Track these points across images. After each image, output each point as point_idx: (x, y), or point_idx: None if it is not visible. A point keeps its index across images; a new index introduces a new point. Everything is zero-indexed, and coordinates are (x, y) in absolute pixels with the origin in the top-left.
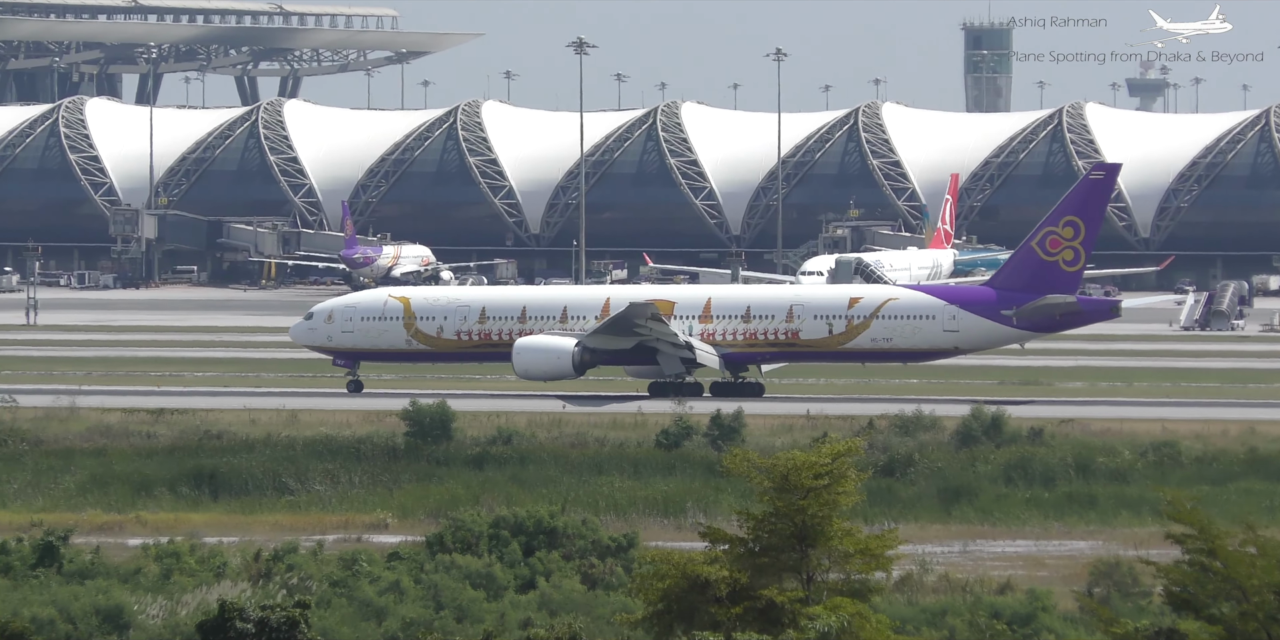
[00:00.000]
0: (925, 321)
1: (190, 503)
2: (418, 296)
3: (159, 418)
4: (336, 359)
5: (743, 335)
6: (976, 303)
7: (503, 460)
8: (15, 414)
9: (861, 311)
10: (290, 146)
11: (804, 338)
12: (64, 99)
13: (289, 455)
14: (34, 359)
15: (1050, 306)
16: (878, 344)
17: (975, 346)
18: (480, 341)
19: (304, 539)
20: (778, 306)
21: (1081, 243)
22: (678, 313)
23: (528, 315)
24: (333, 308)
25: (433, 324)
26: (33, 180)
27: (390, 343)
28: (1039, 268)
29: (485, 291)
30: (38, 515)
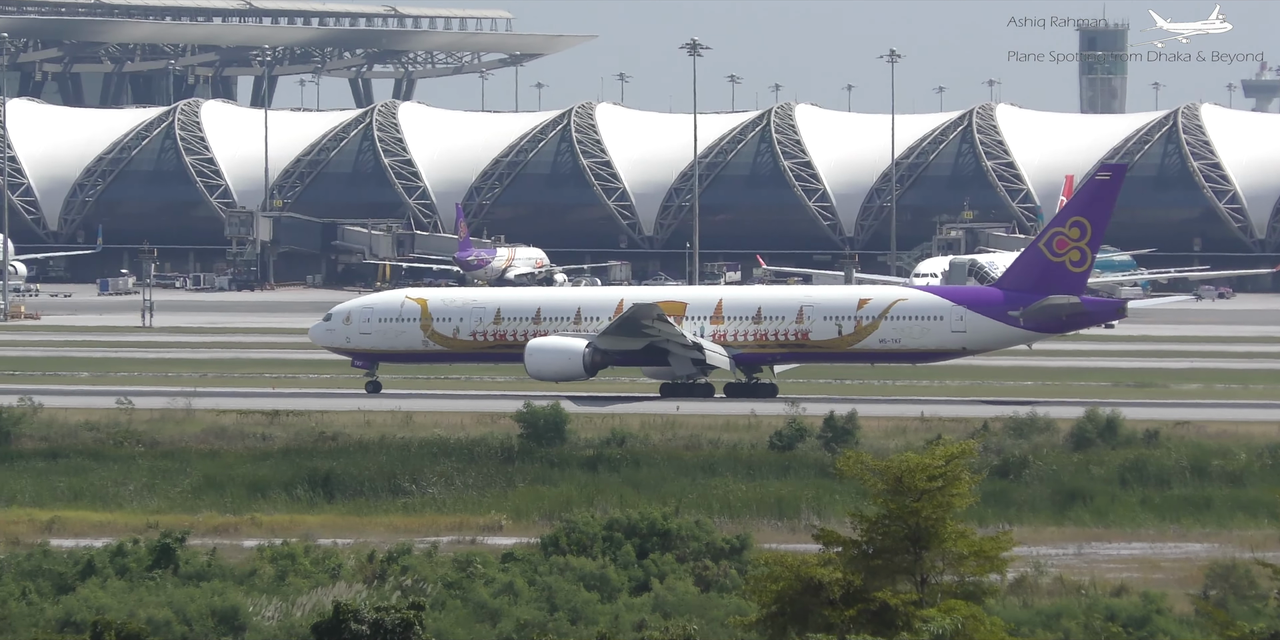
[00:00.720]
0: (933, 322)
1: (305, 504)
2: (435, 298)
3: (274, 419)
4: (355, 360)
5: (753, 336)
6: (984, 303)
7: (616, 462)
8: (131, 416)
9: (870, 312)
10: (404, 149)
11: (814, 339)
12: (179, 101)
13: (403, 457)
14: (150, 361)
15: (1055, 307)
16: (886, 345)
17: (983, 347)
18: (495, 342)
19: (418, 541)
20: (788, 308)
21: (1088, 243)
22: (689, 314)
23: (542, 316)
24: (351, 309)
25: (449, 325)
26: (148, 183)
27: (407, 344)
28: (1046, 268)
29: (500, 292)
30: (154, 517)
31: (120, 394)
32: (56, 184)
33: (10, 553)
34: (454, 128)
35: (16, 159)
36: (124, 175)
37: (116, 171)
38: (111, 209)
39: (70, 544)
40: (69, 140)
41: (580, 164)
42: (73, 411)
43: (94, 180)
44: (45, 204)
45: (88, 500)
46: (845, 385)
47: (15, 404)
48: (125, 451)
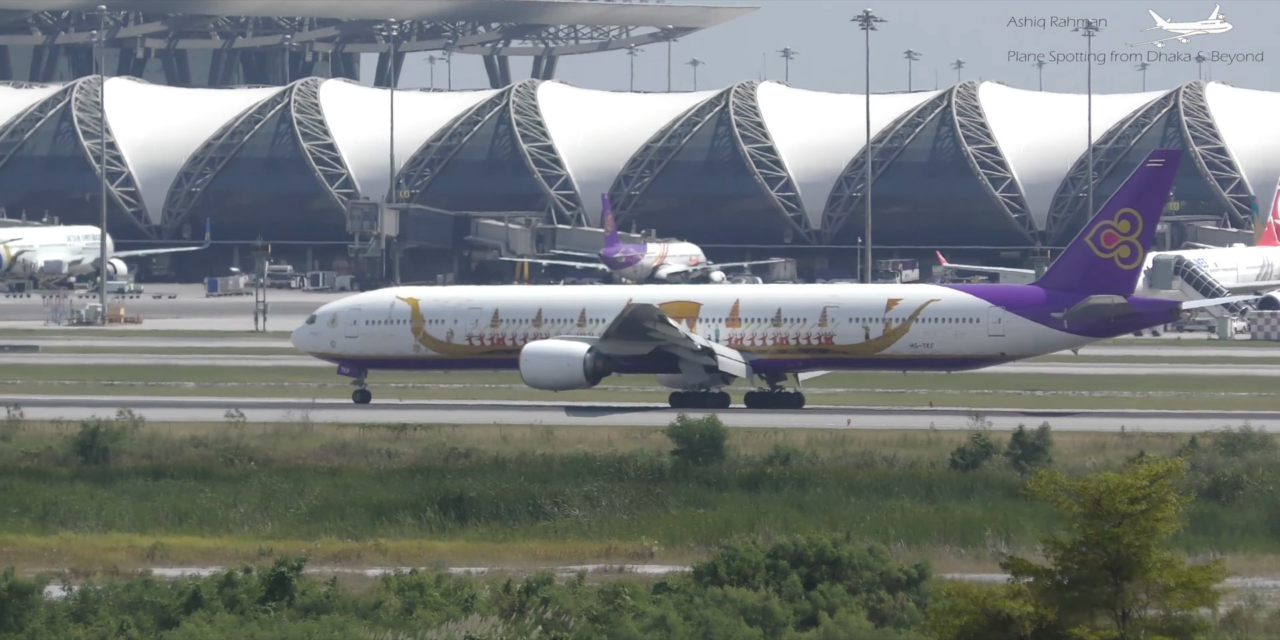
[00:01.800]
0: (969, 325)
1: (435, 529)
2: (427, 297)
3: (400, 434)
4: (342, 367)
5: (773, 340)
6: (1024, 304)
7: (780, 482)
8: (242, 430)
9: (900, 314)
10: (545, 133)
11: (838, 343)
12: (296, 81)
13: (544, 476)
14: (263, 369)
15: (1099, 308)
16: (917, 350)
17: (1023, 352)
18: (493, 346)
19: (560, 569)
20: (810, 308)
21: (1139, 238)
22: (703, 315)
23: (543, 318)
24: (336, 310)
25: (442, 328)
26: (261, 171)
27: (397, 348)
28: (1092, 265)
29: (499, 291)
30: (267, 543)
31: (230, 406)
32: (160, 173)
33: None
34: (599, 110)
35: (116, 145)
36: (234, 163)
37: (226, 159)
38: (221, 200)
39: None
40: (174, 124)
41: (740, 150)
42: (177, 426)
43: (201, 169)
44: (147, 195)
45: (194, 524)
46: (1140, 398)
47: (114, 417)
48: (235, 470)
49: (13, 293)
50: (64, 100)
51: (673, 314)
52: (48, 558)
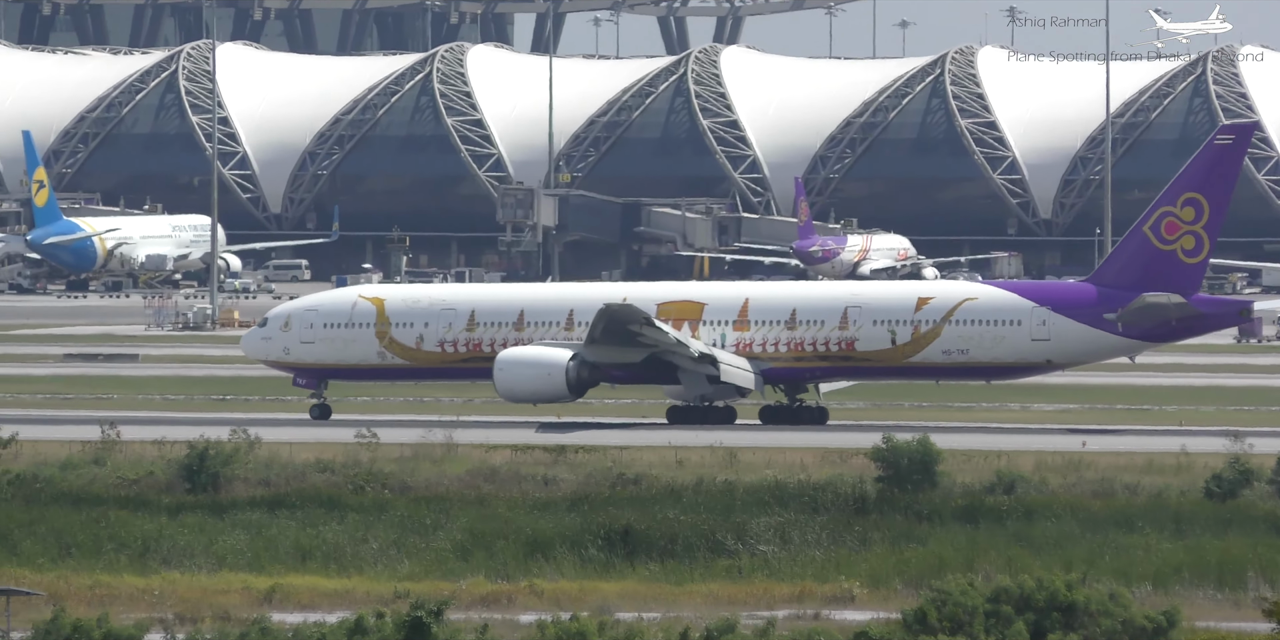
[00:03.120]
0: (1009, 328)
1: (599, 567)
2: (394, 297)
3: (559, 457)
4: (297, 377)
5: (787, 346)
6: (1072, 304)
7: (1003, 513)
8: (376, 452)
9: (931, 315)
10: (729, 107)
11: (861, 349)
12: (439, 47)
13: (726, 506)
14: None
15: (1155, 308)
16: (950, 357)
17: (1073, 359)
18: (469, 354)
19: (745, 615)
20: (830, 309)
21: (1205, 227)
22: (706, 317)
23: (525, 321)
24: (290, 312)
25: (411, 332)
26: (399, 151)
27: (360, 356)
28: (1152, 259)
29: (476, 290)
30: (404, 583)
31: (361, 424)
32: (280, 153)
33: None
34: (792, 80)
35: (229, 121)
36: (367, 142)
37: (357, 137)
38: (351, 185)
39: (296, 619)
40: (296, 97)
41: (957, 126)
42: (300, 447)
43: (328, 149)
44: (265, 179)
45: (319, 562)
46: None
47: (226, 437)
48: (367, 499)
49: (109, 292)
50: (169, 69)
51: (672, 315)
52: (149, 601)
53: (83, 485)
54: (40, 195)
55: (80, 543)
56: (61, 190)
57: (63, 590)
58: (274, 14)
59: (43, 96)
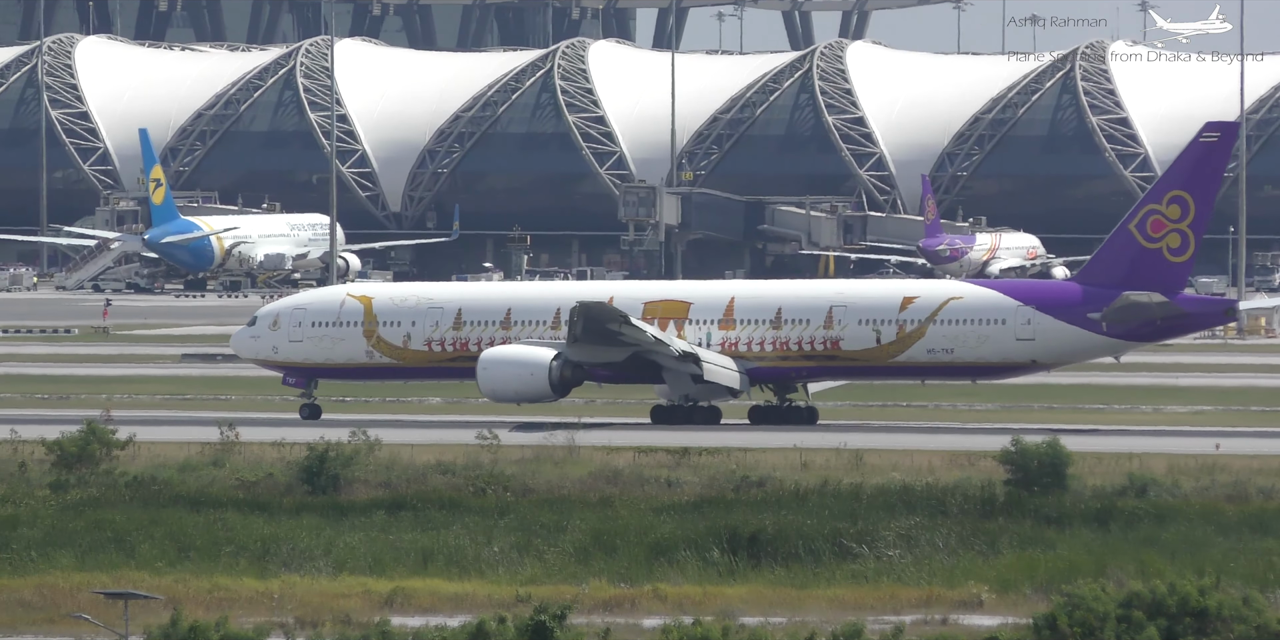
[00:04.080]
0: (993, 327)
1: (723, 571)
2: (382, 296)
3: (682, 459)
4: (287, 376)
5: (772, 345)
6: (1057, 303)
7: (1135, 517)
8: (497, 454)
9: (916, 315)
10: (854, 104)
11: (846, 348)
12: (560, 43)
13: (852, 509)
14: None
15: (1138, 307)
16: (935, 356)
17: (1057, 359)
18: (456, 353)
19: (872, 619)
20: (814, 308)
21: (1190, 225)
22: (692, 316)
23: (513, 319)
24: (280, 310)
25: (398, 331)
26: (519, 149)
27: (347, 355)
28: (1138, 257)
29: (464, 288)
30: (525, 587)
31: (480, 425)
32: (400, 151)
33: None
34: (920, 75)
35: (348, 118)
36: (487, 140)
37: (477, 135)
38: (471, 184)
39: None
40: (416, 94)
41: (1087, 122)
42: (421, 449)
43: (448, 146)
44: (385, 177)
45: (440, 565)
46: None
47: (346, 439)
48: (489, 501)
49: (227, 292)
50: (287, 65)
51: (659, 314)
52: (268, 605)
53: (201, 487)
54: (157, 194)
55: (199, 545)
56: (179, 189)
57: (181, 593)
58: (393, 10)
59: (160, 94)
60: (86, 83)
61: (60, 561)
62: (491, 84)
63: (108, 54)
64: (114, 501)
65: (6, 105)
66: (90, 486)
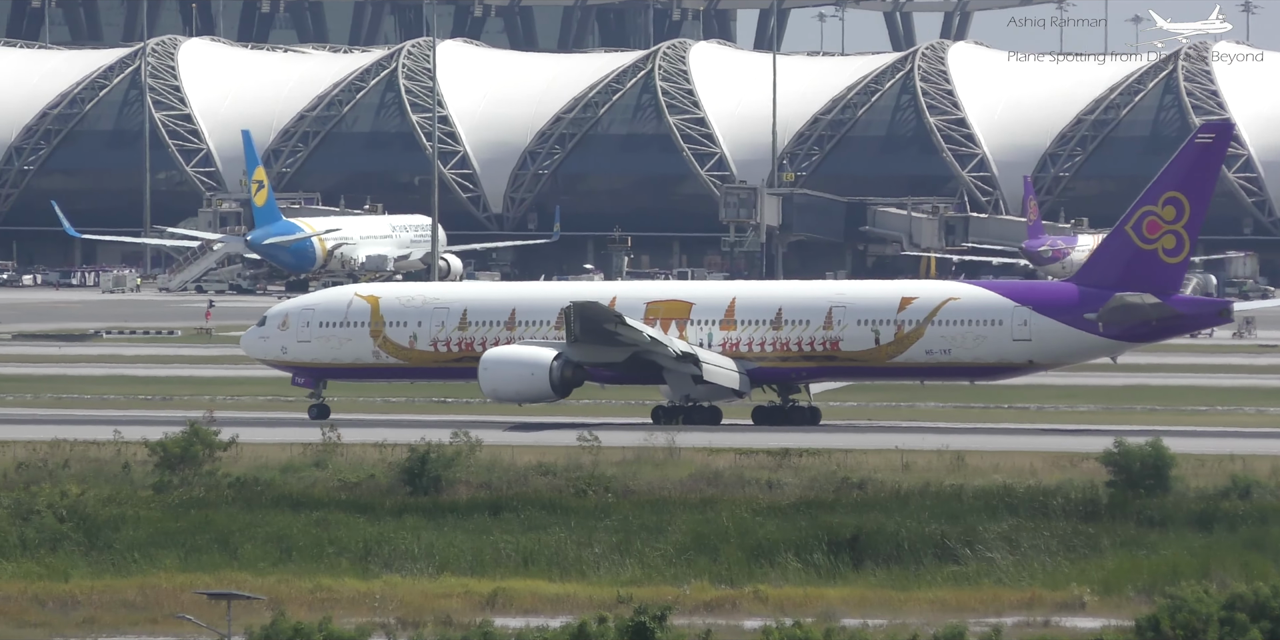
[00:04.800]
0: (990, 328)
1: (824, 573)
2: (389, 296)
3: (783, 461)
4: (296, 376)
5: (773, 345)
6: (1053, 304)
7: (1238, 519)
8: (597, 455)
9: (914, 315)
10: (956, 105)
11: (845, 349)
12: (661, 44)
13: (953, 511)
14: None
15: (1130, 308)
16: (933, 357)
17: (1054, 360)
18: (461, 353)
19: (974, 622)
20: (814, 309)
21: (1185, 226)
22: (694, 316)
23: (517, 319)
24: (289, 310)
25: (404, 331)
26: (620, 150)
27: (355, 355)
28: (1133, 258)
29: (469, 288)
30: (626, 589)
31: (582, 427)
32: (501, 152)
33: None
34: (1021, 76)
35: (449, 120)
36: (588, 141)
37: (578, 136)
38: (572, 185)
39: (518, 624)
40: (517, 95)
41: (1190, 122)
42: (521, 450)
43: (550, 148)
44: (486, 179)
45: (541, 566)
46: None
47: (447, 440)
48: (590, 503)
49: None
50: (389, 67)
51: (661, 314)
52: (370, 605)
53: (303, 488)
54: (260, 195)
55: (301, 546)
56: (281, 190)
57: (283, 594)
58: (494, 11)
59: (262, 95)
60: (190, 85)
61: (164, 562)
62: (592, 85)
63: (211, 56)
64: (217, 502)
65: (110, 107)
66: (193, 487)
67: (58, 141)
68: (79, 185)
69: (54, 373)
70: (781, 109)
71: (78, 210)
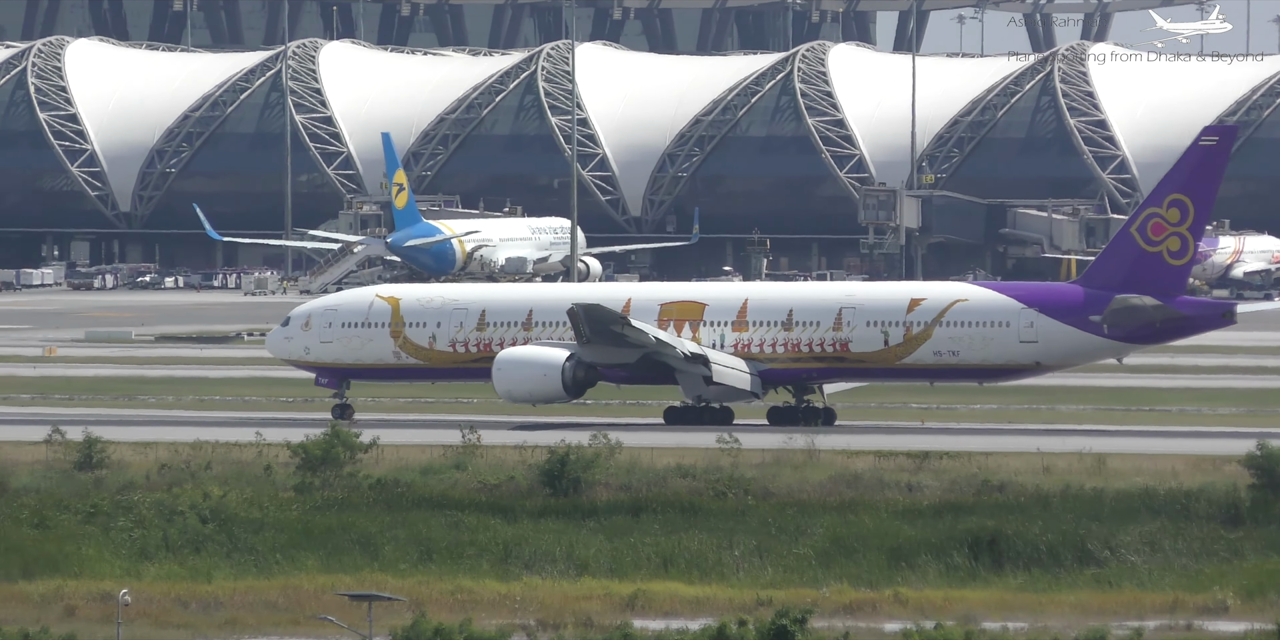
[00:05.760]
0: (997, 329)
1: (964, 576)
2: (409, 297)
3: (922, 463)
4: (319, 377)
5: (784, 346)
6: (1060, 306)
7: None
8: (737, 457)
9: (923, 317)
10: (1096, 106)
11: (855, 350)
12: (800, 46)
13: (1094, 514)
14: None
15: (1133, 310)
16: (941, 358)
17: (1060, 361)
18: (479, 354)
19: (1115, 625)
20: (824, 310)
21: (1189, 228)
22: (707, 318)
23: (534, 320)
24: (312, 311)
25: (424, 332)
26: (758, 152)
27: (376, 355)
28: (1138, 260)
29: (488, 289)
30: (766, 591)
31: (723, 429)
32: (639, 155)
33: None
34: (1161, 77)
35: (588, 122)
36: (726, 143)
37: (717, 138)
38: (711, 187)
39: (657, 626)
40: (654, 97)
41: None
42: (660, 452)
43: (688, 150)
44: (624, 181)
45: (681, 568)
46: None
47: (587, 443)
48: (729, 505)
49: None
50: (528, 69)
51: (674, 315)
52: (510, 607)
53: (443, 490)
54: (400, 198)
55: (441, 547)
56: (421, 192)
57: (424, 595)
58: (633, 13)
59: (402, 98)
60: (330, 87)
61: (305, 563)
62: (731, 87)
63: (351, 59)
64: (358, 504)
65: (252, 110)
66: (334, 489)
67: (199, 144)
68: (220, 188)
69: (196, 375)
70: (921, 110)
71: (219, 213)
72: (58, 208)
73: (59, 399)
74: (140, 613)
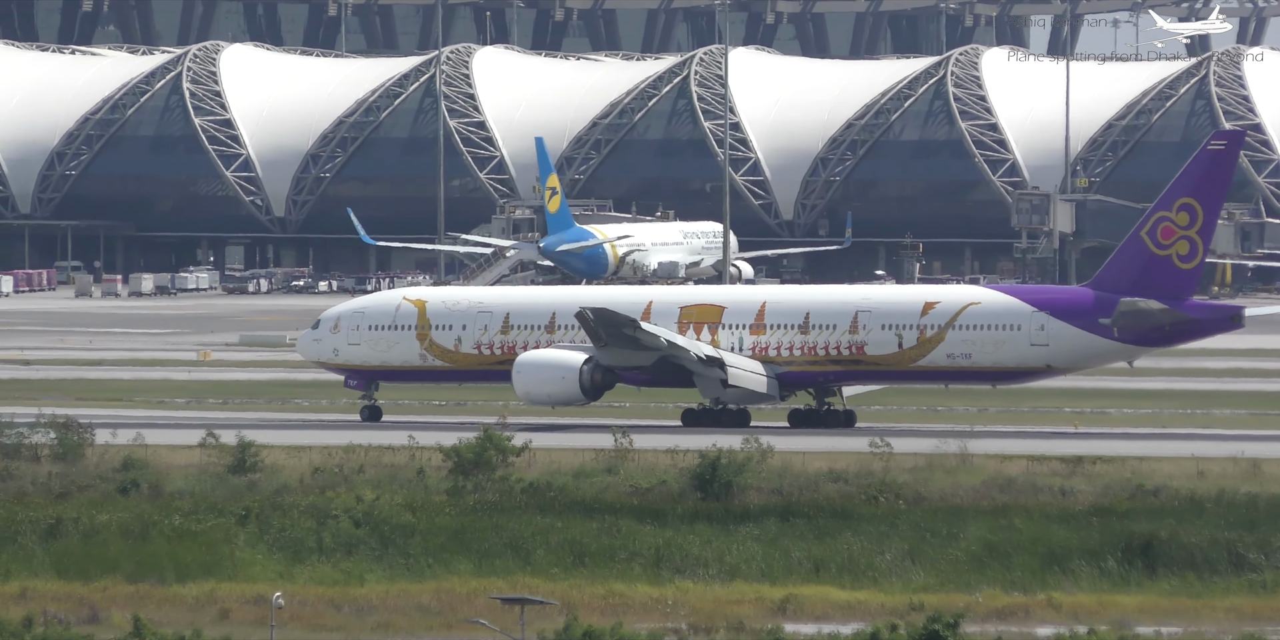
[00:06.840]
0: (1009, 332)
1: (1118, 580)
2: (436, 299)
3: (1076, 467)
4: (348, 378)
5: (801, 349)
6: (1069, 309)
7: None
8: (888, 462)
9: (936, 320)
10: (1252, 110)
11: (870, 353)
12: (953, 50)
13: (1249, 519)
14: (914, 390)
15: (1141, 313)
16: (955, 361)
17: (1071, 364)
18: (504, 356)
19: (1271, 631)
20: (840, 313)
21: (1199, 232)
22: (726, 321)
23: (557, 323)
24: (341, 314)
25: (450, 334)
26: (911, 156)
27: (403, 357)
28: (1148, 264)
29: (512, 293)
30: (918, 595)
31: (875, 432)
32: (792, 159)
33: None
34: None
35: (741, 126)
36: (879, 147)
37: (871, 142)
38: (863, 191)
39: (809, 630)
40: (808, 101)
41: None
42: (812, 457)
43: (841, 154)
44: (777, 185)
45: (832, 573)
46: None
47: (739, 447)
48: (881, 509)
49: None
50: (681, 74)
51: (694, 318)
52: (662, 610)
53: (595, 494)
54: (553, 202)
55: (593, 551)
56: (574, 197)
57: (576, 599)
58: (787, 18)
59: (555, 103)
60: (483, 92)
61: (458, 567)
62: (884, 91)
63: (504, 63)
64: (510, 508)
65: (406, 115)
66: (487, 493)
67: (354, 149)
68: (374, 192)
69: None
70: (1075, 114)
71: (372, 217)
72: (212, 212)
73: (213, 403)
74: (293, 616)
